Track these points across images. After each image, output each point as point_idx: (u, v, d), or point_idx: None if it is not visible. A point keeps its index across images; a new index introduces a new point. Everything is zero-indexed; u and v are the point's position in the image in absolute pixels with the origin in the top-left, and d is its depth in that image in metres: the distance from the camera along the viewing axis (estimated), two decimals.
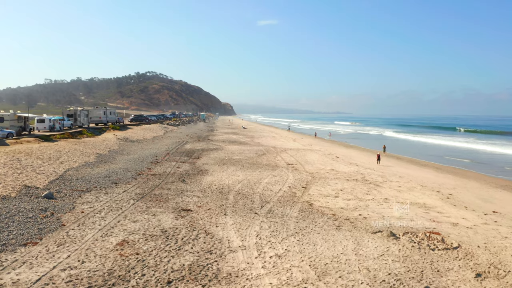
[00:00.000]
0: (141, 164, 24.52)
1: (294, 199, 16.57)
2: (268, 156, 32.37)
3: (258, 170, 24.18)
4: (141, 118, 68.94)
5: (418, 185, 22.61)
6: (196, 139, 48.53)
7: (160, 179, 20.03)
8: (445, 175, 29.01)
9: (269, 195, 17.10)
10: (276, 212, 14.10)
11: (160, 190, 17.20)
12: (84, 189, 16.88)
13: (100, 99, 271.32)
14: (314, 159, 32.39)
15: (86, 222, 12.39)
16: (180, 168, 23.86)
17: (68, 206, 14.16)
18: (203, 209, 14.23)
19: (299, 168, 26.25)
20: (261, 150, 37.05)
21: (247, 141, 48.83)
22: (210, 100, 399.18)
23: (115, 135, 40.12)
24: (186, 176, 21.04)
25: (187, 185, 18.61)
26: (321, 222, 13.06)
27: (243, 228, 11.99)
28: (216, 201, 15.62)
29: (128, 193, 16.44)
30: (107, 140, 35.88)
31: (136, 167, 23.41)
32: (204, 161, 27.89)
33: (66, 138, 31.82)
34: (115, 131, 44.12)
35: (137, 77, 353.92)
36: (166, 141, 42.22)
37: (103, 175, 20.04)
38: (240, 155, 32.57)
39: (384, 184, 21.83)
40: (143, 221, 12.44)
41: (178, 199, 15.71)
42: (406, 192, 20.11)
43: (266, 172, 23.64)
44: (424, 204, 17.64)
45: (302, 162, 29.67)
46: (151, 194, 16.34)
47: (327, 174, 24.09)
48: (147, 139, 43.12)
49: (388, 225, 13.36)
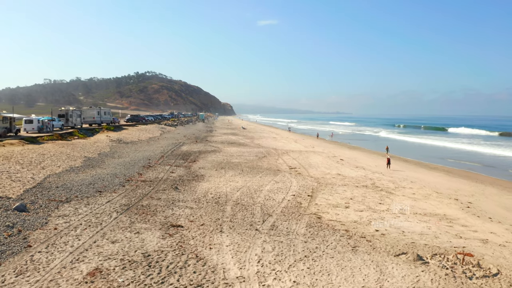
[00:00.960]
0: (132, 169, 22.59)
1: (299, 210, 14.66)
2: (269, 159, 30.47)
3: (259, 175, 22.28)
4: (137, 119, 66.95)
5: (433, 192, 20.73)
6: (194, 140, 46.61)
7: (151, 186, 18.11)
8: (457, 180, 27.14)
9: (271, 205, 15.19)
10: (280, 228, 12.18)
11: (149, 200, 15.27)
12: (63, 199, 14.96)
13: (99, 99, 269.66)
14: (318, 162, 30.49)
15: (56, 242, 10.48)
16: (174, 173, 21.94)
17: (41, 221, 12.26)
18: (195, 224, 12.31)
19: (303, 172, 24.35)
20: (261, 152, 35.15)
21: (247, 142, 46.93)
22: (210, 100, 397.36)
23: (108, 136, 38.18)
24: (180, 183, 19.12)
25: (180, 194, 16.69)
26: (333, 241, 11.15)
27: (242, 251, 10.08)
28: (212, 213, 13.70)
29: (112, 204, 14.53)
30: (99, 141, 33.96)
31: (126, 172, 21.49)
32: (201, 164, 25.97)
33: (54, 140, 29.89)
34: (108, 132, 42.18)
35: (137, 77, 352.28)
36: (162, 143, 40.29)
37: (87, 182, 18.11)
38: (239, 157, 30.67)
39: (397, 191, 19.94)
40: (123, 242, 10.52)
41: (168, 211, 13.79)
42: (422, 201, 18.22)
43: (268, 177, 21.74)
44: (445, 215, 15.75)
45: (305, 165, 27.77)
46: (138, 206, 14.42)
47: (333, 179, 22.19)
48: (142, 140, 41.18)
49: (411, 243, 11.48)
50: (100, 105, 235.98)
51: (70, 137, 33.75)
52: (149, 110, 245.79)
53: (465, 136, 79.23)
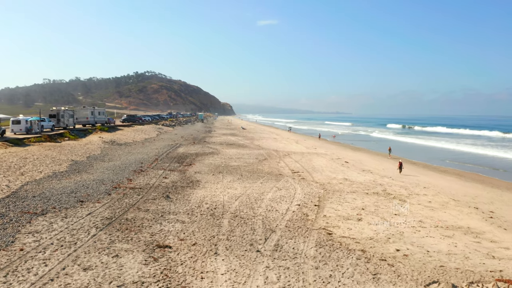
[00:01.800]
0: (122, 174, 20.79)
1: (306, 224, 12.87)
2: (270, 162, 28.69)
3: (260, 181, 20.49)
4: (134, 119, 65.10)
5: (450, 199, 18.97)
6: (191, 141, 44.81)
7: (140, 194, 16.31)
8: (471, 184, 25.41)
9: (274, 218, 13.40)
10: (285, 249, 10.39)
11: (135, 213, 13.47)
12: (39, 211, 13.18)
13: (98, 99, 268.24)
14: (322, 165, 28.72)
15: (18, 269, 8.71)
16: (167, 179, 20.14)
17: (6, 239, 10.49)
18: (186, 244, 10.51)
19: (307, 177, 22.57)
20: (262, 155, 33.37)
21: (247, 143, 45.13)
22: (210, 100, 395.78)
23: (101, 137, 36.39)
24: (172, 190, 17.31)
25: (171, 204, 14.89)
26: (349, 266, 9.37)
27: (241, 281, 8.28)
28: (206, 229, 11.90)
29: (92, 217, 12.74)
30: (91, 143, 32.17)
31: (114, 177, 19.68)
32: (197, 168, 24.18)
33: (42, 142, 28.09)
34: (102, 132, 40.38)
35: (136, 77, 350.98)
36: (157, 144, 38.47)
37: (69, 190, 16.30)
38: (238, 160, 28.88)
39: (411, 199, 18.17)
40: (97, 269, 8.72)
41: (156, 226, 11.99)
42: (440, 210, 16.45)
43: (269, 183, 19.96)
44: (469, 228, 13.99)
45: (309, 169, 25.99)
46: (122, 219, 12.62)
47: (340, 185, 20.41)
48: (137, 141, 39.37)
49: (440, 267, 9.72)
50: (99, 105, 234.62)
51: (60, 138, 31.96)
52: (148, 110, 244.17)
53: (461, 137, 77.50)
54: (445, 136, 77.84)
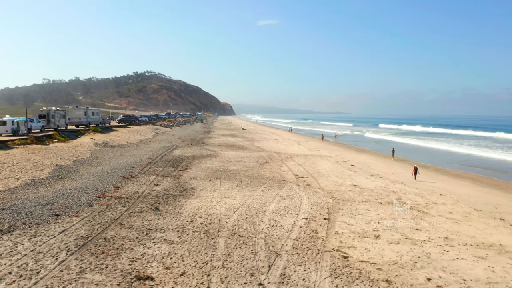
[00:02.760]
0: (109, 180, 18.88)
1: (317, 244, 10.98)
2: (271, 166, 26.81)
3: (261, 188, 18.60)
4: (130, 119, 63.19)
5: (471, 209, 17.10)
6: (189, 142, 42.91)
7: (126, 206, 14.41)
8: (489, 190, 23.55)
9: (279, 236, 11.51)
10: (294, 280, 8.49)
11: (117, 230, 11.58)
12: (5, 228, 11.30)
13: (98, 99, 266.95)
14: (327, 169, 26.84)
15: None
16: (158, 186, 18.24)
17: None
18: (172, 274, 8.62)
19: (312, 183, 20.69)
20: (262, 157, 31.48)
21: (247, 145, 43.24)
22: (209, 100, 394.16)
23: (93, 139, 34.50)
24: (163, 201, 15.41)
25: (159, 218, 12.99)
26: None
27: None
28: (198, 252, 10.01)
29: (66, 236, 10.85)
30: (81, 145, 30.29)
31: (100, 185, 17.77)
32: (193, 173, 22.29)
33: (28, 144, 26.21)
34: (95, 134, 38.49)
35: (136, 77, 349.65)
36: (153, 146, 36.56)
37: (45, 200, 14.40)
38: (238, 164, 26.99)
39: (430, 209, 16.29)
40: None
41: (138, 249, 10.09)
42: (464, 223, 14.58)
43: (271, 190, 18.07)
44: (501, 246, 12.12)
45: (314, 173, 24.11)
46: (99, 239, 10.73)
47: (350, 193, 18.52)
48: (131, 143, 37.46)
49: None
50: (99, 105, 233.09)
51: (48, 140, 30.07)
52: (148, 110, 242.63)
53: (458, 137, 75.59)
54: (447, 137, 75.88)
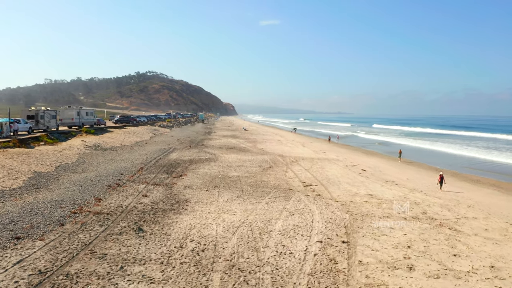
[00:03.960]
0: (91, 191, 16.51)
1: (338, 281, 8.58)
2: (276, 171, 24.43)
3: (265, 199, 16.22)
4: (127, 120, 60.87)
5: (507, 225, 14.76)
6: (188, 144, 40.56)
7: (104, 224, 12.04)
8: None
9: (289, 270, 9.11)
10: None
11: (84, 261, 9.21)
12: None
13: (99, 99, 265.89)
14: (336, 174, 24.45)
15: None
16: (147, 197, 15.86)
17: None
18: None
19: (323, 192, 18.29)
20: (266, 161, 29.11)
21: (249, 147, 40.86)
22: (211, 100, 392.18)
23: (84, 141, 32.19)
24: (149, 218, 13.03)
25: (141, 243, 10.61)
26: None
27: None
28: None
29: (21, 270, 8.51)
30: (70, 148, 27.99)
31: (79, 196, 15.42)
32: (188, 181, 19.92)
33: (9, 148, 23.92)
34: (88, 135, 36.19)
35: (137, 77, 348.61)
36: (148, 149, 34.21)
37: (8, 218, 12.04)
38: (239, 169, 24.63)
39: (462, 225, 13.88)
40: None
41: None
42: (505, 244, 12.18)
43: (277, 203, 15.67)
44: None
45: (323, 180, 21.72)
46: (59, 275, 8.36)
47: (367, 205, 16.11)
48: (125, 145, 35.12)
49: None
50: (100, 105, 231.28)
51: (34, 142, 27.80)
52: (149, 110, 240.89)
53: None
54: (454, 139, 73.09)
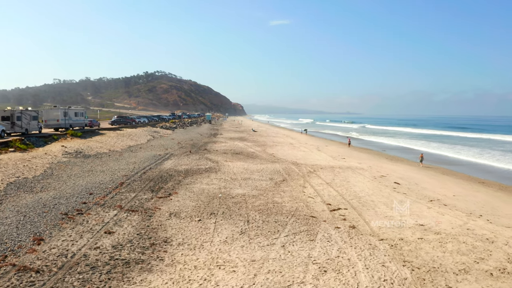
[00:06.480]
0: (35, 224, 11.75)
1: None
2: (291, 186, 19.52)
3: (280, 239, 11.29)
4: (125, 121, 56.42)
5: None
6: (188, 149, 35.81)
7: None
8: None
9: None
10: None
11: None
12: None
13: (107, 99, 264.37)
14: (366, 190, 19.45)
15: None
16: (110, 236, 11.04)
17: None
18: None
19: (358, 222, 13.30)
20: (278, 172, 24.19)
21: (258, 152, 35.95)
22: (220, 100, 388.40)
23: (65, 146, 27.62)
24: (98, 283, 8.22)
25: None
26: None
27: None
28: None
29: None
30: (43, 156, 23.41)
31: (12, 234, 10.64)
32: (177, 204, 15.09)
33: None
34: (73, 139, 31.66)
35: (146, 77, 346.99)
36: (140, 155, 29.50)
37: None
38: (245, 184, 19.77)
39: None
40: None
41: None
42: None
43: (299, 246, 10.71)
44: None
45: (352, 200, 16.72)
46: None
47: (425, 245, 11.06)
48: (114, 151, 30.47)
49: None
50: (108, 105, 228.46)
51: (2, 149, 23.32)
52: (157, 110, 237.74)
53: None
54: (478, 142, 67.11)
